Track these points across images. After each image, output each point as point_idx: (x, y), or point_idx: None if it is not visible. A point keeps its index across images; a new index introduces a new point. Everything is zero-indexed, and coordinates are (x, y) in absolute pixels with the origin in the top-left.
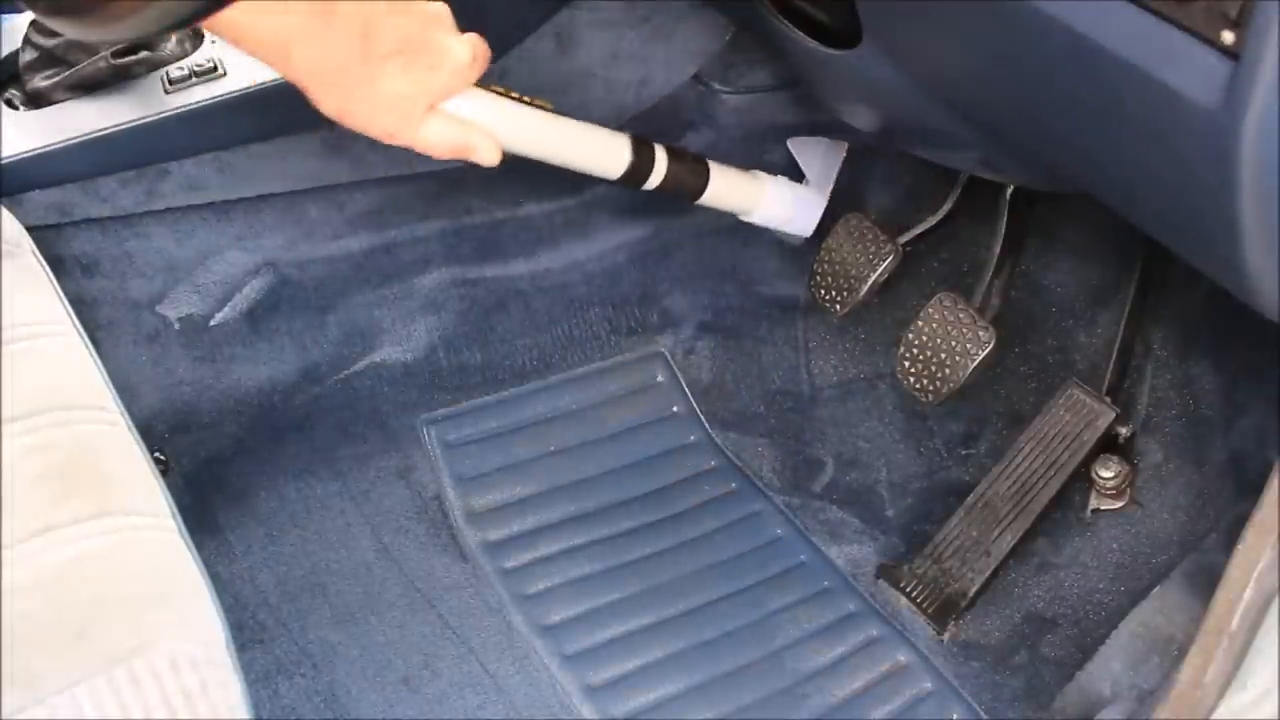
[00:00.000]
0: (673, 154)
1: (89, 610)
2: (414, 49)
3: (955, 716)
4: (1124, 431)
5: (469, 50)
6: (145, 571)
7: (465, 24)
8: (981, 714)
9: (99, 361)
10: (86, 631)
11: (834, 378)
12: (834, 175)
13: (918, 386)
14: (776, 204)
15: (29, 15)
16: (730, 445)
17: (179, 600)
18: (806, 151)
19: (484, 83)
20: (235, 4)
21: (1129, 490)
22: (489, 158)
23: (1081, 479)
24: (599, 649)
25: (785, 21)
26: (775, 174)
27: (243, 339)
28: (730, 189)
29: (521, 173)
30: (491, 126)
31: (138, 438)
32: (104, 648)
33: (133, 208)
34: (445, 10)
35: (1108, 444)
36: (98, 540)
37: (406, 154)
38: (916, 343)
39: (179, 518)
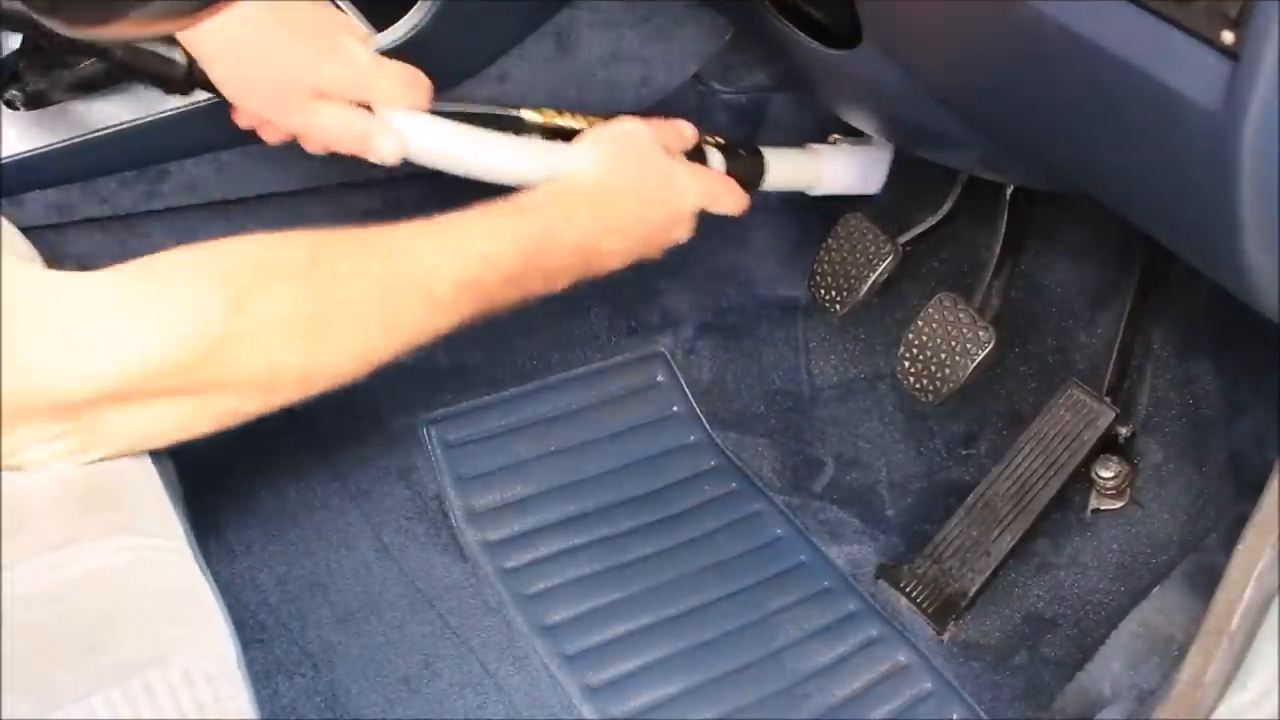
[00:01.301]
0: (727, 152)
1: (103, 624)
2: (307, 30)
3: (955, 717)
4: (1124, 431)
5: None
6: (159, 588)
7: (465, 24)
8: (981, 714)
9: None
10: (101, 644)
11: (834, 378)
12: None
13: (918, 386)
14: (839, 172)
15: None
16: (730, 445)
17: (192, 616)
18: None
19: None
20: None
21: (1129, 490)
22: (386, 154)
23: (1081, 479)
24: (599, 649)
25: (785, 21)
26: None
27: None
28: (788, 173)
29: None
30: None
31: (159, 463)
32: (118, 660)
33: (133, 208)
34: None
35: (1108, 444)
36: (113, 557)
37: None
38: (916, 343)
39: (194, 541)
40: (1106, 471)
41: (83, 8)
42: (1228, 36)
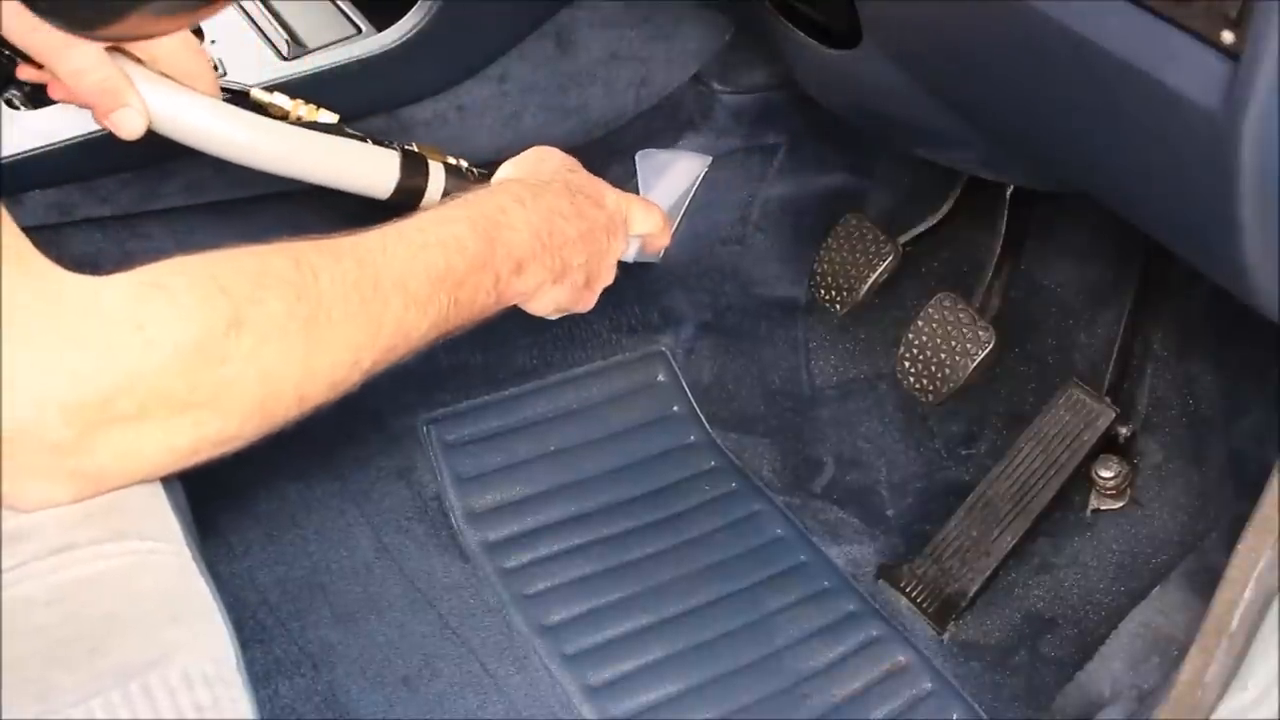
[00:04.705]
0: (451, 171)
1: (104, 627)
2: None
3: (955, 717)
4: (1124, 431)
5: None
6: (159, 592)
7: (465, 24)
8: (981, 714)
9: None
10: (101, 647)
11: (834, 378)
12: (678, 195)
13: (918, 386)
14: None
15: None
16: (730, 445)
17: (192, 618)
18: (649, 169)
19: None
20: None
21: (1129, 490)
22: (128, 127)
23: (1081, 479)
24: (599, 649)
25: (785, 21)
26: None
27: None
28: None
29: None
30: (212, 131)
31: None
32: (118, 662)
33: (133, 208)
34: None
35: (1108, 444)
36: (114, 561)
37: None
38: (916, 343)
39: (194, 545)
40: (1106, 471)
41: (83, 8)
42: (1228, 36)
